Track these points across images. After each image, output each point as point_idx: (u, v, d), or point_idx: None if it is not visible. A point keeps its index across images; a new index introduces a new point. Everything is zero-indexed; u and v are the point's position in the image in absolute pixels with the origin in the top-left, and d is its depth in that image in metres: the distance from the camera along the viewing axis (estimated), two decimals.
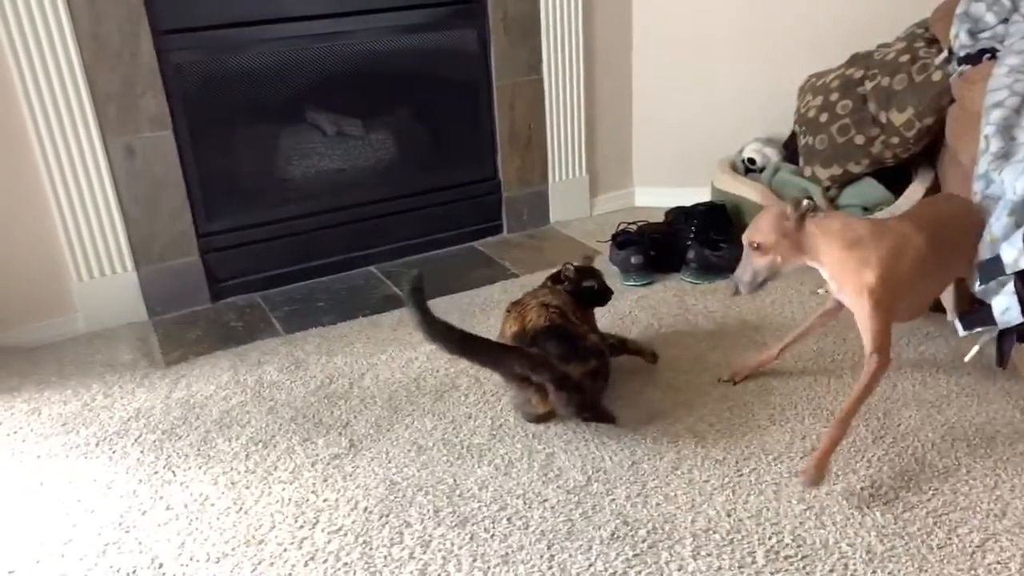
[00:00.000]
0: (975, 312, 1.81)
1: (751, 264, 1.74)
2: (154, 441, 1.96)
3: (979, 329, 1.82)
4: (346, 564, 1.53)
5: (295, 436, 1.96)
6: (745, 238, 1.76)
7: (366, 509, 1.68)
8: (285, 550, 1.58)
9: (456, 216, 3.11)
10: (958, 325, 1.87)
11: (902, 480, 1.65)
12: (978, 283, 1.78)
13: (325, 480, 1.79)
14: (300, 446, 1.92)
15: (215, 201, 2.70)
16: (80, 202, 2.46)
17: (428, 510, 1.66)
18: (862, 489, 1.63)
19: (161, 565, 1.56)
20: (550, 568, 1.48)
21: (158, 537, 1.63)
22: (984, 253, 1.76)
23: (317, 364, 2.29)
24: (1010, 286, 1.67)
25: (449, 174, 3.08)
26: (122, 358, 2.40)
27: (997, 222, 1.75)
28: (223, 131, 2.68)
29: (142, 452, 1.92)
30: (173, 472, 1.84)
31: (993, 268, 1.72)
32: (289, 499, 1.73)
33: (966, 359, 1.94)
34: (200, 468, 1.85)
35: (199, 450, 1.92)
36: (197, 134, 2.60)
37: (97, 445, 1.96)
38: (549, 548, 1.53)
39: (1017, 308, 1.65)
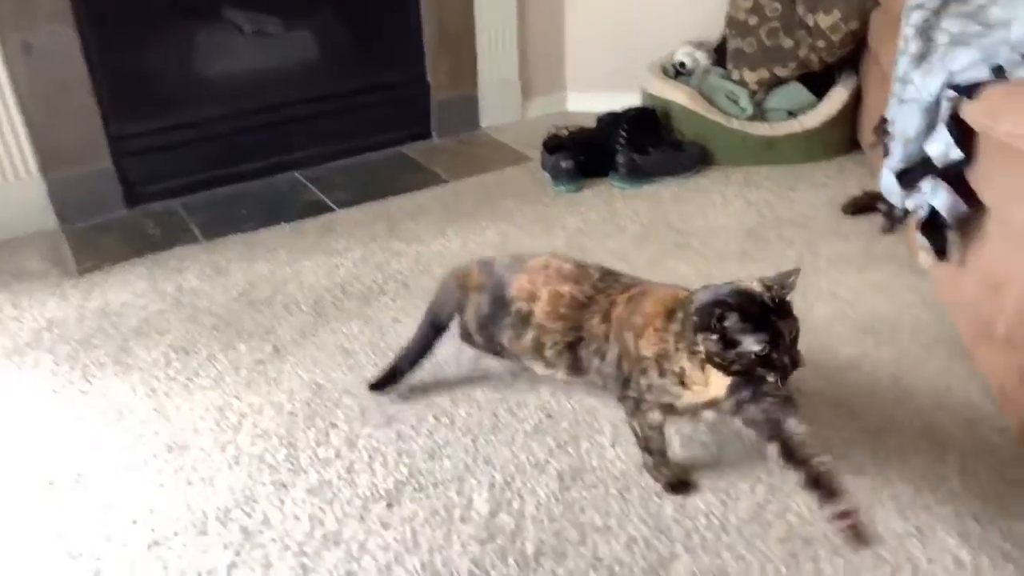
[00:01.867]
0: (930, 221, 1.77)
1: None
2: (69, 351, 1.91)
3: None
4: (271, 466, 1.54)
5: (217, 343, 1.92)
6: None
7: (291, 412, 1.68)
8: (208, 455, 1.57)
9: (383, 120, 3.02)
10: (882, 220, 1.87)
11: (813, 371, 1.72)
12: (886, 183, 1.83)
13: (249, 385, 1.77)
14: (222, 353, 1.89)
15: (127, 103, 2.55)
16: None
17: (354, 411, 1.67)
18: None
19: (80, 475, 1.53)
20: (475, 461, 1.52)
21: (75, 447, 1.60)
22: (895, 153, 1.80)
23: (239, 271, 2.24)
24: (941, 184, 1.67)
25: (375, 75, 2.97)
26: (31, 267, 2.30)
27: (911, 122, 1.78)
28: (133, 28, 2.51)
29: (56, 363, 1.87)
30: (90, 381, 1.80)
31: (918, 171, 1.74)
32: (212, 405, 1.71)
33: (924, 264, 1.90)
34: (118, 376, 1.81)
35: (116, 359, 1.87)
36: (104, 30, 2.44)
37: (8, 356, 1.90)
38: (475, 442, 1.56)
39: (959, 200, 1.65)
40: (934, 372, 1.69)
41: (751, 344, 1.20)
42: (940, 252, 1.72)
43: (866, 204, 2.34)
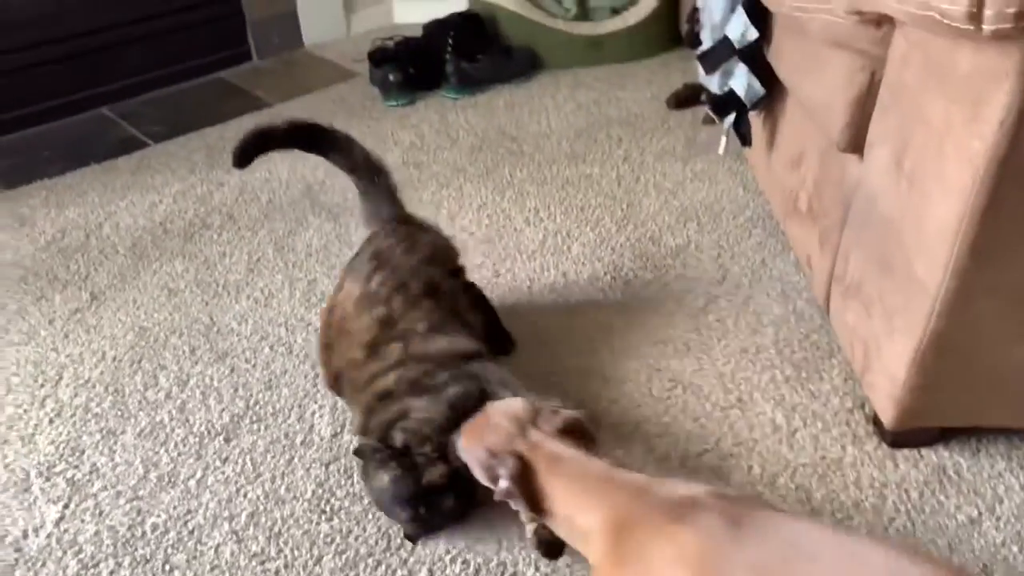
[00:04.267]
0: (722, 100, 1.87)
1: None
2: None
3: (728, 116, 1.89)
4: (96, 415, 1.46)
5: (27, 296, 1.78)
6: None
7: (115, 359, 1.59)
8: (26, 411, 1.47)
9: (196, 43, 2.81)
10: (714, 116, 1.95)
11: (640, 261, 1.79)
12: (703, 73, 1.88)
13: (66, 336, 1.66)
14: (34, 305, 1.75)
15: None
16: None
17: (183, 351, 1.60)
18: (605, 274, 1.75)
19: None
20: (315, 386, 1.49)
21: None
22: (706, 40, 1.84)
23: (46, 219, 2.07)
24: (740, 66, 1.75)
25: None
26: None
27: (717, 7, 1.82)
28: None
29: None
30: None
31: (719, 53, 1.80)
32: (26, 360, 1.60)
33: (720, 151, 1.99)
34: None
35: None
36: None
37: None
38: (314, 368, 1.54)
39: (756, 82, 1.73)
40: (751, 250, 1.80)
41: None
42: (743, 138, 1.81)
43: (688, 97, 2.41)
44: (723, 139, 1.97)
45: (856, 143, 1.30)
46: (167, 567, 1.19)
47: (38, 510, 1.28)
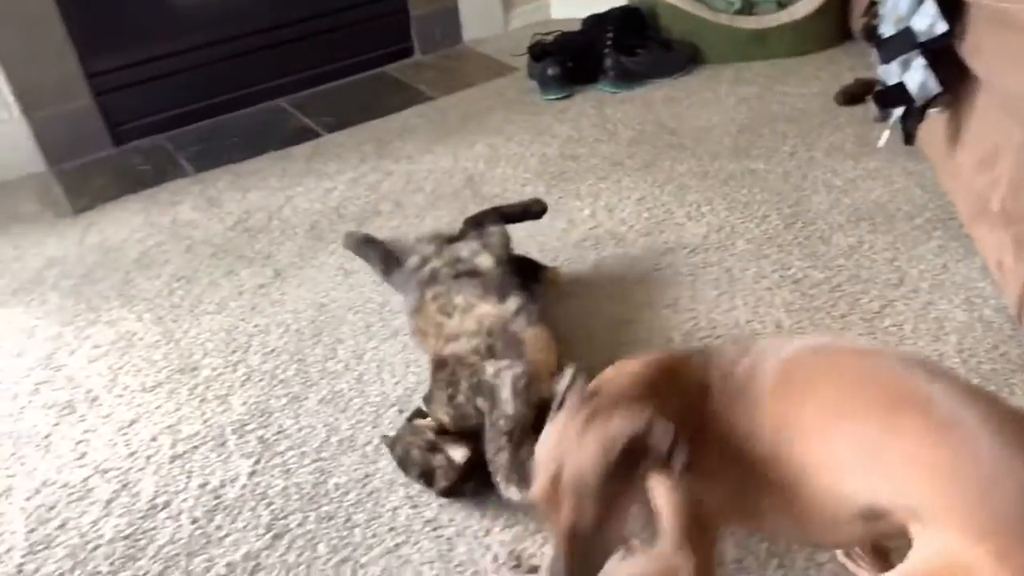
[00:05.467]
0: (889, 92, 1.81)
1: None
2: (72, 286, 1.92)
3: (895, 110, 1.83)
4: (283, 381, 1.57)
5: (218, 270, 1.93)
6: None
7: (297, 331, 1.70)
8: (220, 374, 1.60)
9: (364, 40, 2.95)
10: (875, 108, 1.89)
11: (810, 261, 1.74)
12: (880, 63, 1.80)
13: (253, 308, 1.79)
14: (224, 279, 1.90)
15: (101, 36, 2.50)
16: None
17: (359, 327, 1.69)
18: (772, 272, 1.71)
19: (96, 398, 1.57)
20: None
21: (89, 373, 1.63)
22: (887, 33, 1.77)
23: (232, 200, 2.23)
24: (919, 60, 1.68)
25: None
26: (25, 209, 2.29)
27: (903, 0, 1.74)
28: None
29: (61, 297, 1.88)
30: (97, 313, 1.82)
31: (900, 43, 1.72)
32: (219, 328, 1.73)
33: (880, 144, 1.95)
34: (124, 307, 1.83)
35: (120, 291, 1.89)
36: None
37: (13, 294, 1.91)
38: None
39: (933, 78, 1.66)
40: (931, 253, 1.71)
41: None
42: (908, 136, 1.73)
43: (859, 92, 2.31)
44: (885, 132, 1.89)
45: None
46: (348, 524, 1.26)
47: (233, 463, 1.39)
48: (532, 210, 1.73)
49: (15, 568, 1.25)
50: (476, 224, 1.63)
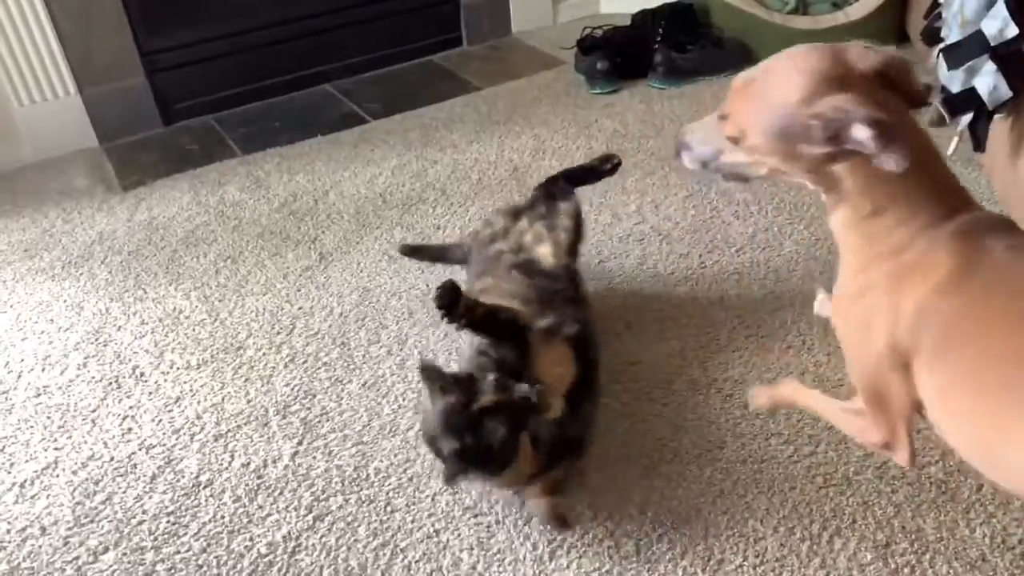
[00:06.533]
0: (959, 98, 1.76)
1: (717, 140, 1.00)
2: (121, 262, 1.95)
3: (963, 116, 1.78)
4: (326, 363, 1.58)
5: (264, 251, 1.95)
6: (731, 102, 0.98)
7: (341, 314, 1.71)
8: (264, 354, 1.62)
9: (413, 28, 2.96)
10: (945, 112, 1.84)
11: None
12: (943, 69, 1.76)
13: (298, 290, 1.80)
14: (270, 260, 1.92)
15: (156, 15, 2.53)
16: (8, 17, 2.29)
17: (403, 313, 1.70)
18: (821, 273, 1.68)
19: (143, 374, 1.59)
20: None
21: (136, 349, 1.66)
22: (951, 36, 1.73)
23: (279, 183, 2.25)
24: (989, 65, 1.63)
25: None
26: (77, 184, 2.33)
27: (971, 3, 1.70)
28: None
29: (110, 272, 1.91)
30: (144, 290, 1.84)
31: (970, 48, 1.68)
32: (264, 309, 1.75)
33: (949, 152, 1.90)
34: (171, 285, 1.85)
35: (167, 268, 1.91)
36: None
37: (63, 268, 1.95)
38: None
39: (1004, 83, 1.61)
40: None
41: None
42: (978, 142, 1.68)
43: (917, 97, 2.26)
44: (954, 140, 1.83)
45: None
46: (388, 508, 1.27)
47: (276, 444, 1.41)
48: (600, 169, 1.64)
49: (61, 540, 1.27)
50: (547, 194, 1.58)
